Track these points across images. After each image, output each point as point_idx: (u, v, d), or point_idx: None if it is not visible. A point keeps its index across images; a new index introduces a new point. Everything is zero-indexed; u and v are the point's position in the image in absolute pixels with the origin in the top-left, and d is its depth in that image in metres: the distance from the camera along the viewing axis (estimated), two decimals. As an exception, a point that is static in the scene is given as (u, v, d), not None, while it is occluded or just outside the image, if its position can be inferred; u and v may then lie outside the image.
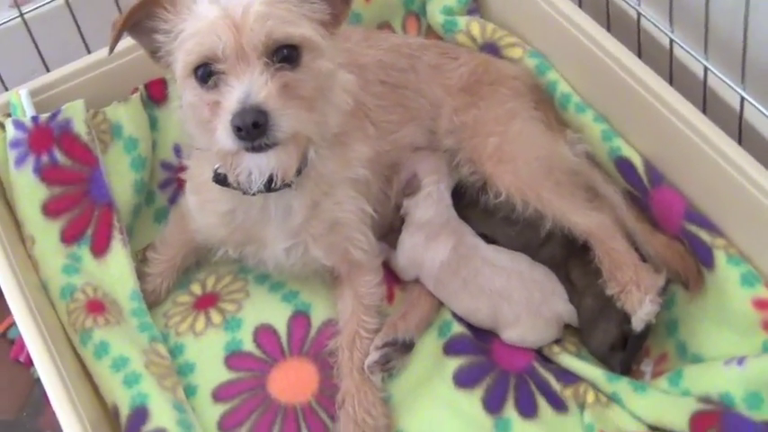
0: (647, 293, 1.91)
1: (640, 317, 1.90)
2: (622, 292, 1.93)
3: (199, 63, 1.65)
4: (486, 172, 2.07)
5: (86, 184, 2.05)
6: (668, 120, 1.93)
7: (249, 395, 1.96)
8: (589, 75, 2.14)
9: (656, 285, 1.92)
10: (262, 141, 1.61)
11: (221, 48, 1.60)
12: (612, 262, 1.96)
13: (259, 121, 1.57)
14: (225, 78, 1.62)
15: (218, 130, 1.63)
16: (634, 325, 1.91)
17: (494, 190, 2.06)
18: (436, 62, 2.19)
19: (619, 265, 1.95)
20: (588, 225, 1.99)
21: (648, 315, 1.90)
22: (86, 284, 1.97)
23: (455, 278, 2.04)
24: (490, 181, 2.06)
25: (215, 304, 2.11)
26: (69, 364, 1.82)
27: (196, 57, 1.64)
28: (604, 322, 1.97)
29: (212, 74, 1.64)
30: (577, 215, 2.00)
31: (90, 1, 2.37)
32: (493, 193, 2.06)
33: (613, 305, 1.95)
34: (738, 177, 1.81)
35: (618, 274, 1.95)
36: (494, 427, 1.89)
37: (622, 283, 1.94)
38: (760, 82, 1.94)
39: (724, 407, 1.76)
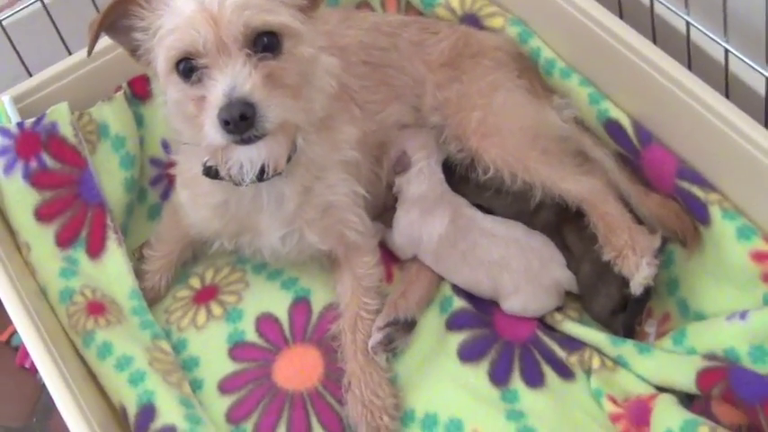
0: (644, 256, 1.90)
1: (638, 281, 1.90)
2: (618, 257, 1.93)
3: (180, 58, 1.63)
4: (472, 147, 2.06)
5: (77, 186, 2.04)
6: (654, 78, 1.92)
7: (255, 385, 1.96)
8: (572, 39, 2.12)
9: (652, 247, 1.92)
10: (251, 133, 1.60)
11: (201, 42, 1.59)
12: (607, 226, 1.96)
13: (246, 114, 1.56)
14: (208, 72, 1.61)
15: (206, 126, 1.61)
16: (633, 289, 1.91)
17: (481, 165, 2.05)
18: (417, 38, 2.17)
19: (613, 229, 1.95)
20: (579, 191, 1.99)
21: (646, 278, 1.90)
22: (85, 286, 1.97)
23: (454, 251, 2.04)
24: (477, 156, 2.06)
25: (215, 297, 2.11)
26: (73, 367, 1.82)
27: (176, 52, 1.63)
28: (604, 287, 1.97)
29: (194, 69, 1.62)
30: (568, 182, 2.00)
31: (67, 2, 2.36)
32: (481, 169, 2.05)
33: (612, 269, 1.94)
34: (728, 131, 1.81)
35: (613, 238, 1.94)
36: (501, 399, 1.90)
37: (618, 247, 1.93)
38: (742, 33, 1.93)
39: (729, 362, 1.77)
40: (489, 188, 2.08)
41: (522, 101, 2.10)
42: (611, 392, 1.89)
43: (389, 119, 2.12)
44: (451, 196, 2.10)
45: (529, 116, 2.07)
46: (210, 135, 1.61)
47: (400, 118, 2.14)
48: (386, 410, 1.89)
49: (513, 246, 2.01)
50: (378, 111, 2.10)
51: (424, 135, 2.13)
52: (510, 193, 2.05)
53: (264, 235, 1.95)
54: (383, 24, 2.18)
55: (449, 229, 2.04)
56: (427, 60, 2.15)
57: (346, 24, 2.14)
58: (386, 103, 2.11)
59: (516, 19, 2.25)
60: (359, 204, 2.01)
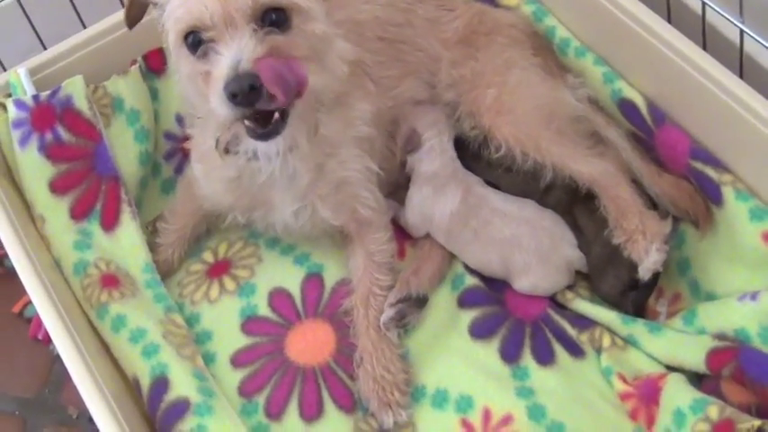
0: (654, 242, 1.90)
1: (647, 266, 1.90)
2: (628, 241, 1.93)
3: (187, 31, 1.64)
4: (485, 125, 2.06)
5: (92, 159, 2.05)
6: (669, 58, 1.92)
7: (268, 359, 1.97)
8: (587, 18, 2.12)
9: (662, 233, 1.92)
10: (261, 106, 1.59)
11: (209, 15, 1.59)
12: (618, 210, 1.96)
13: (254, 84, 1.55)
14: (214, 46, 1.61)
15: (213, 100, 1.61)
16: (641, 274, 1.91)
17: (494, 143, 2.05)
18: (432, 15, 2.17)
19: (624, 212, 1.95)
20: (591, 173, 1.99)
21: (655, 264, 1.90)
22: (99, 259, 1.98)
23: (465, 229, 2.04)
24: (490, 133, 2.06)
25: (228, 271, 2.12)
26: (87, 339, 1.83)
27: (184, 25, 1.63)
28: (614, 269, 1.97)
29: (201, 42, 1.63)
30: (579, 163, 2.00)
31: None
32: (493, 147, 2.05)
33: (622, 252, 1.95)
34: (742, 112, 1.81)
35: (624, 222, 1.94)
36: (512, 376, 1.91)
37: (628, 231, 1.93)
38: (758, 13, 1.93)
39: (740, 342, 1.78)
40: (500, 166, 2.08)
41: (536, 80, 2.09)
42: (621, 371, 1.89)
43: (404, 95, 2.12)
44: (464, 174, 2.10)
45: (543, 95, 2.07)
46: (218, 109, 1.61)
47: (415, 94, 2.13)
48: (397, 386, 1.90)
49: (524, 224, 2.01)
50: (393, 86, 2.10)
51: (434, 112, 2.13)
52: (520, 172, 2.05)
53: (277, 209, 1.96)
54: (399, 1, 2.17)
55: (460, 206, 2.04)
56: (442, 38, 2.15)
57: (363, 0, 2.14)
58: (401, 78, 2.11)
59: (532, -3, 2.25)
60: (372, 180, 2.01)
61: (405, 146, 2.11)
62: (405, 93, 2.12)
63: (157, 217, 2.19)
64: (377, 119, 2.02)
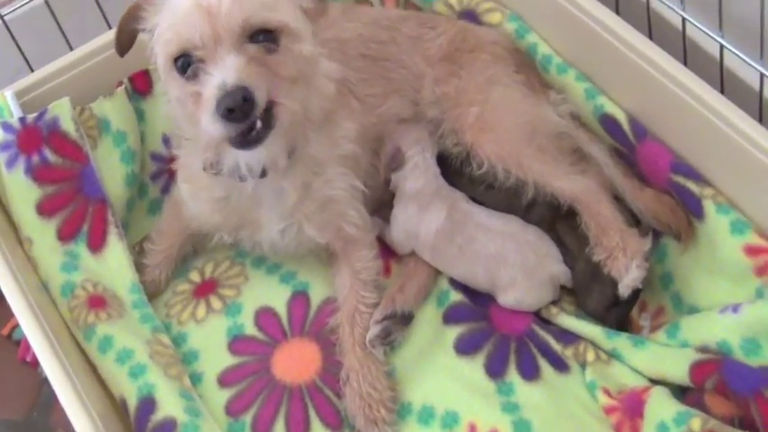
0: (633, 258, 1.92)
1: (626, 283, 1.92)
2: (609, 258, 1.94)
3: (177, 54, 1.65)
4: (467, 142, 2.08)
5: (78, 180, 2.05)
6: (649, 74, 1.93)
7: (254, 378, 1.98)
8: (568, 35, 2.14)
9: (642, 250, 1.93)
10: (253, 119, 1.60)
11: (198, 35, 1.61)
12: (599, 227, 1.97)
13: (247, 96, 1.57)
14: (203, 67, 1.62)
15: (203, 120, 1.62)
16: (621, 291, 1.93)
17: (476, 160, 2.06)
18: (416, 33, 2.19)
19: (605, 230, 1.96)
20: (572, 190, 2.00)
21: (635, 281, 1.91)
22: (86, 280, 1.98)
23: (451, 245, 2.05)
24: (472, 151, 2.07)
25: (214, 291, 2.12)
26: (75, 360, 1.84)
27: (174, 48, 1.65)
28: (598, 285, 1.98)
29: (191, 63, 1.64)
30: (561, 180, 2.01)
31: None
32: (476, 164, 2.07)
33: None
34: (722, 126, 1.82)
35: (604, 239, 1.95)
36: (497, 392, 1.92)
37: (609, 248, 1.94)
38: (737, 29, 1.94)
39: (722, 355, 1.79)
40: (482, 183, 2.09)
41: (519, 97, 2.11)
42: (605, 385, 1.90)
43: (389, 112, 2.13)
44: (448, 191, 2.12)
45: (525, 112, 2.08)
46: (209, 128, 1.62)
47: (400, 111, 2.15)
48: (383, 403, 1.90)
49: (509, 240, 2.02)
50: (377, 104, 2.11)
51: (417, 130, 2.14)
52: (502, 189, 2.06)
53: (264, 228, 1.97)
54: (382, 19, 2.19)
55: (445, 223, 2.05)
56: (426, 55, 2.17)
57: (346, 18, 2.15)
58: (385, 96, 2.12)
59: (514, 15, 2.26)
60: (357, 198, 2.02)
61: (389, 164, 2.12)
62: (389, 110, 2.13)
63: (144, 238, 2.19)
64: (362, 137, 2.03)
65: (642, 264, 1.92)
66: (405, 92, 2.16)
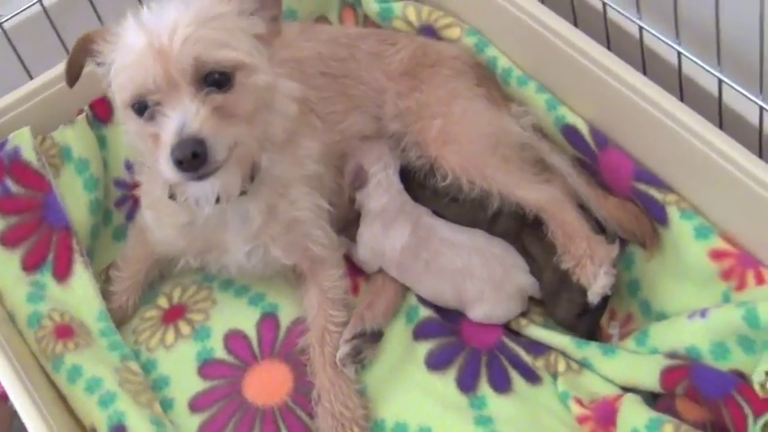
0: (602, 265, 1.93)
1: (596, 290, 1.93)
2: (577, 266, 1.95)
3: (132, 100, 1.66)
4: (431, 154, 2.08)
5: (42, 210, 2.04)
6: (608, 83, 1.94)
7: (225, 402, 1.97)
8: (527, 47, 2.14)
9: (610, 257, 1.94)
10: (204, 171, 1.63)
11: (151, 79, 1.61)
12: (565, 235, 1.97)
13: (197, 151, 1.59)
14: (160, 109, 1.63)
15: (161, 162, 1.64)
16: (590, 298, 1.93)
17: (440, 172, 2.07)
18: (375, 49, 2.19)
19: (571, 237, 1.97)
20: (537, 199, 2.01)
21: (604, 287, 1.92)
22: (53, 310, 1.97)
23: (417, 261, 2.05)
24: (436, 163, 2.07)
25: (183, 315, 2.11)
26: (44, 391, 1.82)
27: (128, 93, 1.66)
28: (567, 293, 1.98)
29: (148, 106, 1.65)
30: (525, 190, 2.01)
31: (27, 27, 2.37)
32: (440, 176, 2.07)
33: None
34: (683, 133, 1.83)
35: (572, 247, 1.96)
36: (470, 406, 1.92)
37: (576, 256, 1.95)
38: (694, 35, 1.95)
39: (692, 360, 1.80)
40: (446, 195, 2.09)
41: (481, 109, 2.11)
42: (577, 394, 1.90)
43: (351, 129, 2.13)
44: (411, 206, 2.12)
45: (488, 124, 2.09)
46: (165, 172, 1.64)
47: (362, 128, 2.15)
48: (356, 422, 1.90)
49: (475, 254, 2.03)
50: (339, 121, 2.11)
51: (378, 146, 2.14)
52: (466, 201, 2.06)
53: (230, 252, 1.97)
54: (341, 36, 2.20)
55: (410, 240, 2.06)
56: (386, 71, 2.17)
57: (304, 37, 2.15)
58: (346, 113, 2.13)
59: (472, 29, 2.26)
60: (323, 218, 2.02)
61: (352, 182, 2.12)
62: (351, 127, 2.13)
63: (110, 265, 2.18)
64: (325, 155, 2.03)
65: (610, 270, 1.93)
66: (366, 108, 2.16)
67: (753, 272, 1.79)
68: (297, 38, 2.13)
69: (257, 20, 1.74)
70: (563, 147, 2.12)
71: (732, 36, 1.88)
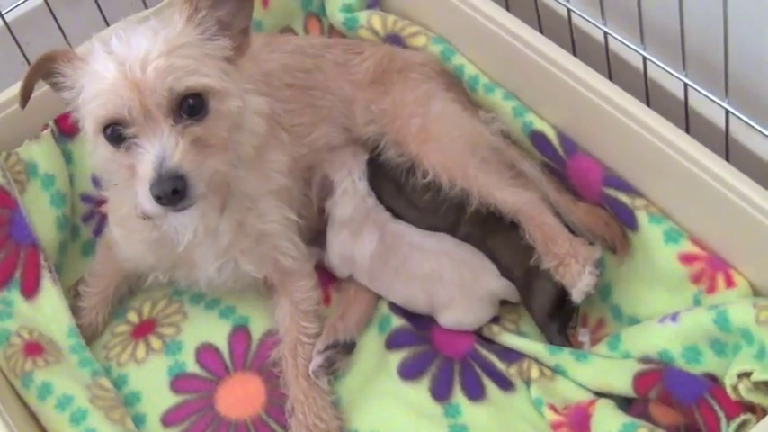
0: (586, 265, 1.92)
1: (581, 288, 1.92)
2: (560, 265, 1.94)
3: (106, 124, 1.65)
4: (412, 152, 2.08)
5: (8, 227, 2.03)
6: (575, 89, 1.95)
7: (198, 416, 1.96)
8: (493, 55, 2.15)
9: (593, 257, 1.94)
10: (184, 204, 1.64)
11: (126, 110, 1.61)
12: (546, 237, 1.97)
13: (177, 188, 1.60)
14: (136, 140, 1.63)
15: (139, 195, 1.64)
16: (575, 296, 1.93)
17: (421, 169, 2.06)
18: (342, 59, 2.20)
19: (553, 239, 1.96)
20: (516, 202, 2.00)
21: (588, 286, 1.92)
22: (21, 328, 1.96)
23: (386, 268, 2.06)
24: (417, 160, 2.07)
25: (153, 330, 2.10)
26: (13, 409, 1.82)
27: (102, 120, 1.66)
28: (537, 282, 1.99)
29: (123, 137, 1.64)
30: (504, 192, 2.01)
31: (-11, 43, 2.36)
32: (420, 173, 2.06)
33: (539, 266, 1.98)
34: (650, 138, 1.84)
35: (554, 247, 1.95)
36: (444, 415, 1.92)
37: (559, 255, 1.94)
38: (660, 40, 1.97)
39: (664, 364, 1.80)
40: (404, 195, 2.11)
41: (456, 110, 2.12)
42: (551, 401, 1.90)
43: (318, 141, 2.13)
44: (377, 213, 2.12)
45: (466, 126, 2.10)
46: (145, 205, 1.65)
47: (330, 140, 2.15)
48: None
49: (444, 258, 2.03)
50: (306, 134, 2.11)
51: (340, 154, 2.15)
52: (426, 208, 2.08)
53: (200, 267, 1.96)
54: (307, 47, 2.19)
55: (378, 247, 2.06)
56: (354, 80, 2.17)
57: (270, 48, 2.15)
58: (313, 125, 2.13)
59: (438, 38, 2.27)
60: (292, 230, 2.02)
61: (319, 193, 2.12)
62: (319, 139, 2.13)
63: (79, 280, 2.16)
64: (292, 168, 2.03)
65: (594, 270, 1.93)
66: (334, 119, 2.16)
67: (723, 274, 1.80)
68: (263, 49, 2.12)
69: (224, 41, 1.74)
70: (531, 153, 2.13)
71: (697, 40, 1.90)
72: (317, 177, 2.14)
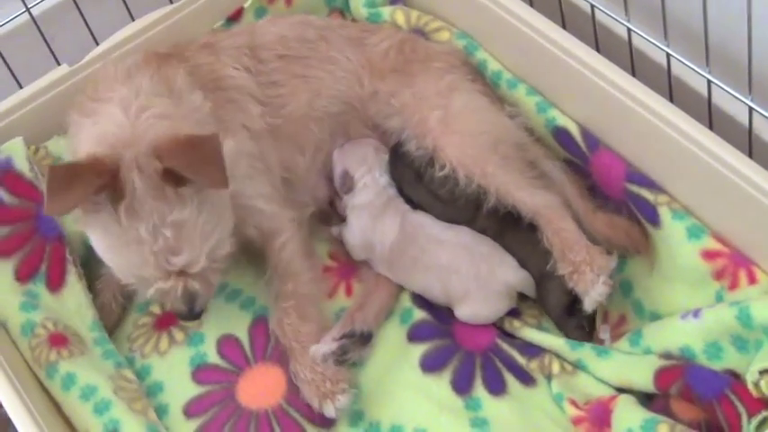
0: (600, 275, 1.91)
1: (593, 297, 1.91)
2: (575, 273, 1.93)
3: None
4: (429, 145, 2.07)
5: (35, 220, 2.05)
6: (598, 86, 1.95)
7: (220, 407, 1.97)
8: (517, 50, 2.15)
9: (609, 267, 1.93)
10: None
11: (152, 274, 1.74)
12: (563, 242, 1.96)
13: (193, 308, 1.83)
14: None
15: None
16: (586, 305, 1.92)
17: (439, 162, 2.05)
18: (356, 35, 2.22)
19: (570, 245, 1.95)
20: (535, 203, 2.00)
21: (601, 296, 1.91)
22: (46, 319, 1.96)
23: (405, 257, 2.07)
24: (435, 154, 2.06)
25: (176, 322, 2.10)
26: (37, 399, 1.82)
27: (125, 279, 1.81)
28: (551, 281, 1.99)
29: None
30: (524, 192, 2.00)
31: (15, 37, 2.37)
32: (438, 165, 2.06)
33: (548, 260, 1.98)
34: (673, 134, 1.84)
35: (570, 254, 1.94)
36: (465, 408, 1.92)
37: (575, 263, 1.93)
38: (683, 37, 1.97)
39: (685, 360, 1.80)
40: (425, 185, 2.11)
41: (481, 104, 2.12)
42: (571, 396, 1.90)
43: (296, 112, 2.14)
44: (399, 202, 2.14)
45: (489, 121, 2.09)
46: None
47: (310, 111, 2.15)
48: (328, 378, 1.92)
49: (461, 250, 2.03)
50: (283, 104, 2.12)
51: (361, 148, 2.17)
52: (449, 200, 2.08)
53: None
54: (316, 20, 2.24)
55: (399, 236, 2.07)
56: (368, 56, 2.19)
57: (272, 23, 2.20)
58: (293, 95, 2.14)
59: (462, 33, 2.28)
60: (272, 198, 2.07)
61: (341, 188, 2.14)
62: (297, 110, 2.14)
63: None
64: (267, 137, 2.08)
65: (608, 280, 1.92)
66: (327, 89, 2.17)
67: (745, 271, 1.80)
68: (264, 24, 2.19)
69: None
70: (554, 149, 2.12)
71: (720, 37, 1.90)
72: (338, 171, 2.16)
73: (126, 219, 1.68)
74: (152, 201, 1.67)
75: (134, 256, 1.71)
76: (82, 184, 1.64)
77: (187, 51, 2.09)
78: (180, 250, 1.71)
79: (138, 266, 1.73)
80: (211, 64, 2.08)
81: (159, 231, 1.68)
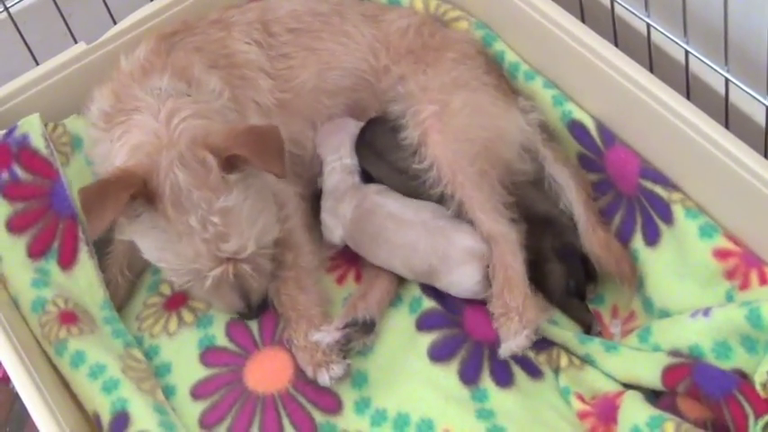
0: (527, 327, 1.90)
1: (511, 346, 1.91)
2: (503, 316, 1.93)
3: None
4: (417, 137, 2.06)
5: (49, 197, 2.05)
6: (616, 80, 1.94)
7: (227, 390, 1.97)
8: (535, 42, 2.15)
9: (538, 322, 1.92)
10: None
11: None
12: (506, 280, 1.95)
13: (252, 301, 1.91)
14: None
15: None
16: (501, 352, 1.92)
17: (421, 155, 2.05)
18: (372, 12, 2.23)
19: (511, 287, 1.94)
20: (492, 229, 1.98)
21: (519, 348, 1.91)
22: (57, 296, 1.98)
23: (363, 234, 2.08)
24: (419, 146, 2.05)
25: (185, 303, 2.11)
26: (46, 375, 1.83)
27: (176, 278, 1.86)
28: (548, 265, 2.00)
29: None
30: (486, 215, 1.99)
31: (33, 12, 2.37)
32: (419, 158, 2.05)
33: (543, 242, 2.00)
34: (689, 131, 1.83)
35: (507, 296, 1.93)
36: (471, 398, 1.92)
37: (508, 307, 1.93)
38: (702, 34, 1.96)
39: (694, 359, 1.80)
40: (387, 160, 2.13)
41: (484, 104, 2.10)
42: (578, 390, 1.91)
43: (306, 85, 2.15)
44: (360, 186, 2.14)
45: (481, 126, 2.07)
46: None
47: (320, 83, 2.16)
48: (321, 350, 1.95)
49: (419, 227, 2.02)
50: (293, 77, 2.14)
51: (339, 135, 2.17)
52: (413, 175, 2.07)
53: None
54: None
55: (355, 213, 2.08)
56: (385, 32, 2.20)
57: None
58: (303, 67, 2.15)
59: (480, 23, 2.27)
60: None
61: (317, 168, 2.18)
62: (306, 83, 2.15)
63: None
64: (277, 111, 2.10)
65: (531, 335, 1.91)
66: (338, 62, 2.18)
67: (756, 271, 1.79)
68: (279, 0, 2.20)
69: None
70: (569, 143, 2.12)
71: (740, 35, 1.89)
72: (315, 152, 2.18)
73: (174, 212, 1.72)
74: (197, 191, 1.72)
75: (186, 248, 1.75)
76: (113, 198, 1.69)
77: (197, 28, 2.11)
78: (229, 236, 1.75)
79: (192, 259, 1.76)
80: (223, 39, 2.10)
81: (208, 219, 1.72)
